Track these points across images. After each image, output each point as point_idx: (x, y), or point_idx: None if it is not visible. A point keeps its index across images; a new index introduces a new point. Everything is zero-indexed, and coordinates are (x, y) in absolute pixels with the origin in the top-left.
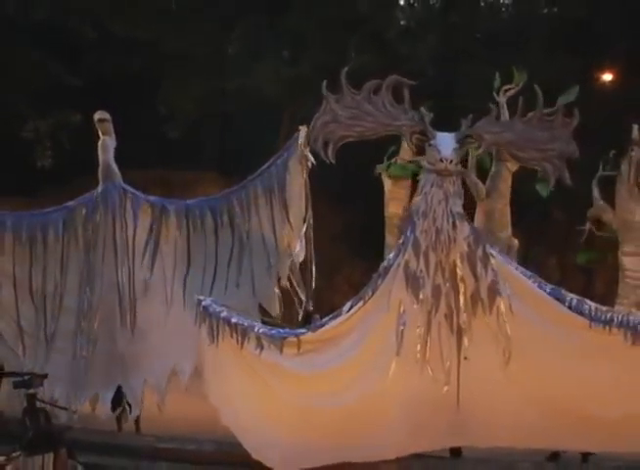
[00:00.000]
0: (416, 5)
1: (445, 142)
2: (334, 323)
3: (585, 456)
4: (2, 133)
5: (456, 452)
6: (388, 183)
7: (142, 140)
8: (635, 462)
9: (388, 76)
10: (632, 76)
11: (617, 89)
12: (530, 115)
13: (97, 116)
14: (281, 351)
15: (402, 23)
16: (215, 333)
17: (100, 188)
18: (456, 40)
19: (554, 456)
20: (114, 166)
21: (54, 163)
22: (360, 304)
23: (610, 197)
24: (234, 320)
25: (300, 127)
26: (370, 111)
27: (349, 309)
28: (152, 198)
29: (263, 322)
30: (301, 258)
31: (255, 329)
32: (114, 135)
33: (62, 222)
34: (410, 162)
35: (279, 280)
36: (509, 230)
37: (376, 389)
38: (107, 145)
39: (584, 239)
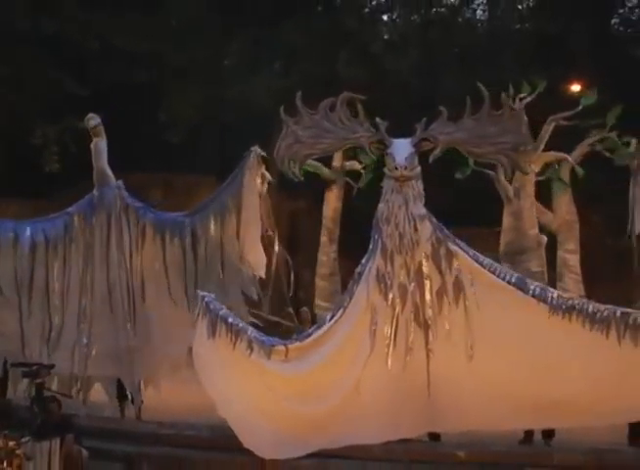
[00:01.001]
0: (398, 20)
1: (400, 149)
2: (319, 332)
3: (548, 436)
4: (12, 139)
5: (435, 437)
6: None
7: (145, 145)
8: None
9: (343, 94)
10: (598, 87)
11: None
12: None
13: (89, 120)
14: (268, 357)
15: (386, 37)
16: (213, 328)
17: (96, 192)
18: (436, 54)
19: (527, 438)
20: (108, 170)
21: (61, 166)
22: (341, 311)
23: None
24: (230, 320)
25: (252, 148)
26: (329, 128)
27: (332, 318)
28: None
29: (254, 315)
30: (262, 270)
31: (248, 332)
32: (104, 137)
33: (63, 227)
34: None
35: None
36: (536, 228)
37: (353, 385)
38: (99, 150)
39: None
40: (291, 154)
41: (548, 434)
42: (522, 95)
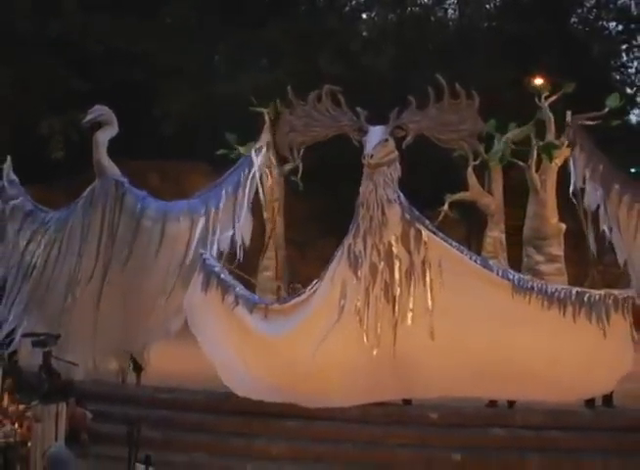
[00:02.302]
0: (376, 19)
1: (372, 137)
2: (297, 300)
3: (511, 404)
4: (21, 130)
5: (407, 402)
6: None
7: (141, 136)
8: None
9: (325, 86)
10: (560, 81)
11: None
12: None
13: (93, 114)
14: (250, 312)
15: (365, 34)
16: (207, 282)
17: (95, 182)
18: (411, 50)
19: (492, 403)
20: (106, 162)
21: (65, 155)
22: (318, 284)
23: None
24: (222, 276)
25: (257, 142)
26: (317, 117)
27: (309, 289)
28: (138, 191)
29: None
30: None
31: (236, 289)
32: (114, 124)
33: (69, 214)
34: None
35: None
36: (557, 216)
37: (320, 352)
38: (97, 142)
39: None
40: (288, 141)
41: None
42: (547, 94)
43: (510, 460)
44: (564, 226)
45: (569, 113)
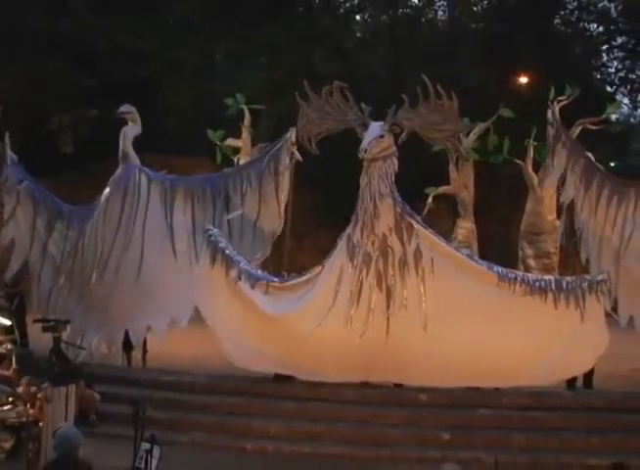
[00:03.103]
0: (369, 20)
1: (370, 133)
2: (298, 280)
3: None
4: (32, 126)
5: (398, 384)
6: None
7: (145, 131)
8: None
9: (335, 82)
10: (541, 79)
11: (528, 90)
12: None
13: (121, 108)
14: (252, 287)
15: (358, 35)
16: (213, 257)
17: (118, 170)
18: (402, 50)
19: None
20: (130, 151)
21: (74, 149)
22: (318, 269)
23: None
24: (227, 252)
25: (290, 128)
26: (329, 110)
27: (310, 273)
28: (161, 176)
29: None
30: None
31: (240, 264)
32: (138, 123)
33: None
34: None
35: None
36: (554, 214)
37: (318, 330)
38: (125, 134)
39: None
40: (306, 131)
41: None
42: (559, 98)
43: (496, 439)
44: (558, 223)
45: (550, 109)
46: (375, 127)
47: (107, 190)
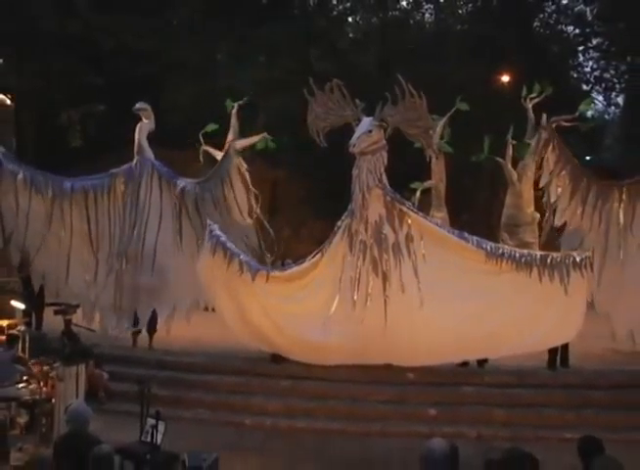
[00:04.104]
0: (361, 22)
1: (360, 128)
2: (298, 268)
3: (480, 364)
4: (43, 122)
5: (388, 365)
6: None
7: None
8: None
9: (334, 80)
10: (522, 78)
11: (511, 88)
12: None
13: (137, 105)
14: (253, 279)
15: (351, 36)
16: (213, 250)
17: (134, 161)
18: (391, 50)
19: (464, 363)
20: (145, 145)
21: (83, 144)
22: (319, 255)
23: None
24: (228, 245)
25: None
26: (331, 106)
27: (309, 260)
28: (167, 170)
29: None
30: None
31: (240, 256)
32: (151, 120)
33: (107, 185)
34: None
35: None
36: (532, 206)
37: (323, 320)
38: (140, 128)
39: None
40: (314, 125)
41: (481, 360)
42: (531, 95)
43: (478, 415)
44: (538, 215)
45: (544, 115)
46: (365, 123)
47: (121, 179)
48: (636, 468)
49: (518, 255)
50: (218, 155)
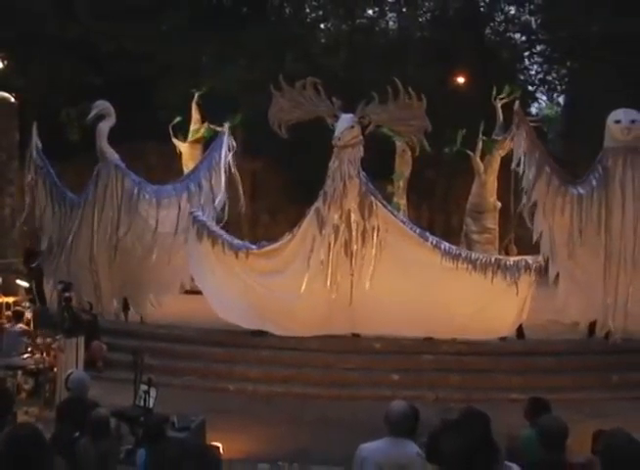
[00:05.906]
0: (331, 28)
1: (341, 123)
2: (273, 246)
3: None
4: (45, 118)
5: (356, 335)
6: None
7: (143, 122)
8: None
9: (308, 77)
10: (476, 80)
11: (465, 88)
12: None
13: (97, 106)
14: (236, 256)
15: (323, 41)
16: (199, 234)
17: (98, 166)
18: (359, 54)
19: (428, 339)
20: (106, 148)
21: (81, 139)
22: (290, 236)
23: None
24: (212, 228)
25: (224, 124)
26: (301, 101)
27: (283, 239)
28: (128, 172)
29: None
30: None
31: (223, 236)
32: (112, 116)
33: (85, 194)
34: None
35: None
36: (495, 196)
37: (295, 294)
38: (100, 132)
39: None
40: (277, 118)
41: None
42: (500, 96)
43: (436, 379)
44: (499, 204)
45: (517, 102)
46: (346, 119)
47: (90, 186)
48: (575, 424)
49: (473, 256)
50: (181, 146)
